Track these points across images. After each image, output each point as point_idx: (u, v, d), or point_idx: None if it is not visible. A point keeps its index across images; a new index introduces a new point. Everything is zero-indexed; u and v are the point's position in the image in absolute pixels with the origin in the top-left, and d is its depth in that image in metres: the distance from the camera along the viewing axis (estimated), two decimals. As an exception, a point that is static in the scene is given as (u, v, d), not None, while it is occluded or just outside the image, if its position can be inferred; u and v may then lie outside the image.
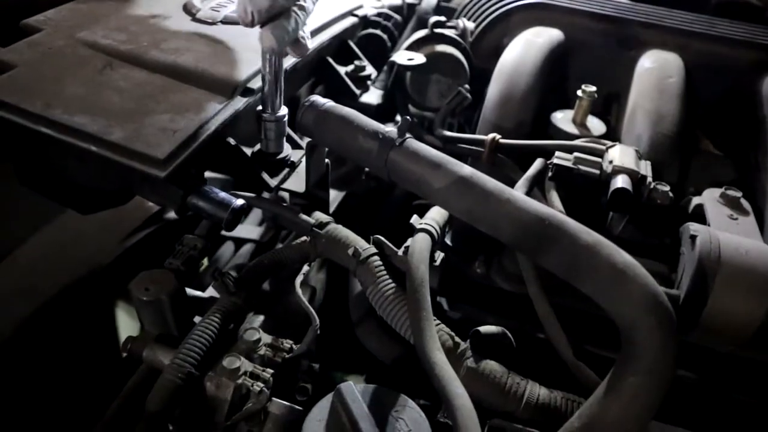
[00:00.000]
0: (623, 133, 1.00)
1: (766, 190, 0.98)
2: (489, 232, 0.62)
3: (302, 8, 0.71)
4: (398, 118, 1.17)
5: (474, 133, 1.06)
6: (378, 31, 1.32)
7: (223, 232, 1.21)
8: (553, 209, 0.60)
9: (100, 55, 0.80)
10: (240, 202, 0.70)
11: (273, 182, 0.80)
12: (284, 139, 0.82)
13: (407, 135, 0.66)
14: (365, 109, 1.05)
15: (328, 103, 0.71)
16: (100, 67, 0.79)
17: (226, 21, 0.90)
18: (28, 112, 0.70)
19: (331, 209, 0.97)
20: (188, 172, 0.69)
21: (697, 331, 0.77)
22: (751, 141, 1.05)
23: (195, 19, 0.90)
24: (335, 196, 1.00)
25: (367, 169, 0.96)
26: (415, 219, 0.79)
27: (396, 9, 1.37)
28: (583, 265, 0.57)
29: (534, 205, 0.60)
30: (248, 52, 0.83)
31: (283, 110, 0.79)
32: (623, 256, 0.57)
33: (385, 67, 1.23)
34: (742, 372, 0.87)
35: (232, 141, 0.76)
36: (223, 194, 0.70)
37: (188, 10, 0.93)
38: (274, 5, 0.66)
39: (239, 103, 0.77)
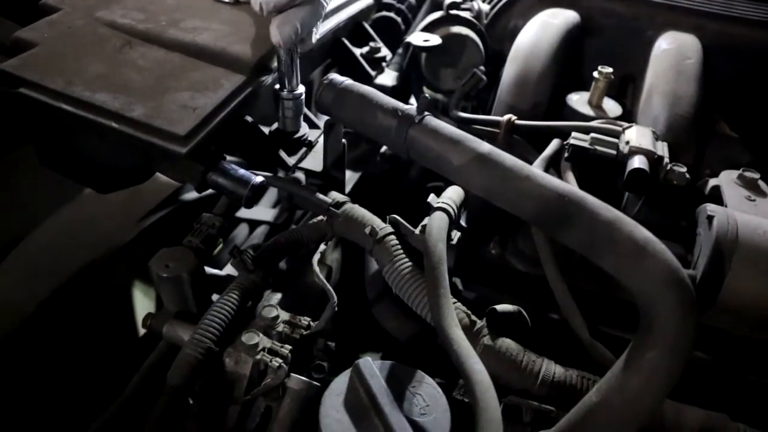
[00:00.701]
0: (640, 113, 1.00)
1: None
2: (508, 209, 0.62)
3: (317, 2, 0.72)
4: (412, 100, 1.17)
5: (489, 115, 1.06)
6: (392, 14, 1.32)
7: (238, 214, 1.22)
8: (573, 186, 0.60)
9: (119, 34, 0.81)
10: (259, 179, 0.71)
11: (291, 161, 0.80)
12: (301, 118, 0.82)
13: (426, 113, 0.66)
14: (380, 90, 1.05)
15: (346, 81, 0.71)
16: (120, 46, 0.79)
17: (242, 1, 0.90)
18: (49, 90, 0.70)
19: (347, 189, 0.97)
20: (208, 149, 0.70)
21: (713, 311, 0.77)
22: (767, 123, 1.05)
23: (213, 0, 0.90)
24: (351, 176, 1.00)
25: (384, 147, 0.97)
26: (432, 198, 0.79)
27: (410, -9, 1.36)
28: (602, 241, 0.58)
29: (553, 181, 0.60)
30: (266, 30, 0.83)
31: (301, 89, 0.80)
32: (643, 232, 0.57)
33: (400, 49, 1.22)
34: (755, 353, 0.87)
35: (249, 119, 0.77)
36: (242, 171, 0.71)
37: (206, -10, 0.93)
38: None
39: (257, 81, 0.77)
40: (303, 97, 0.81)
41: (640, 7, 1.11)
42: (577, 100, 1.02)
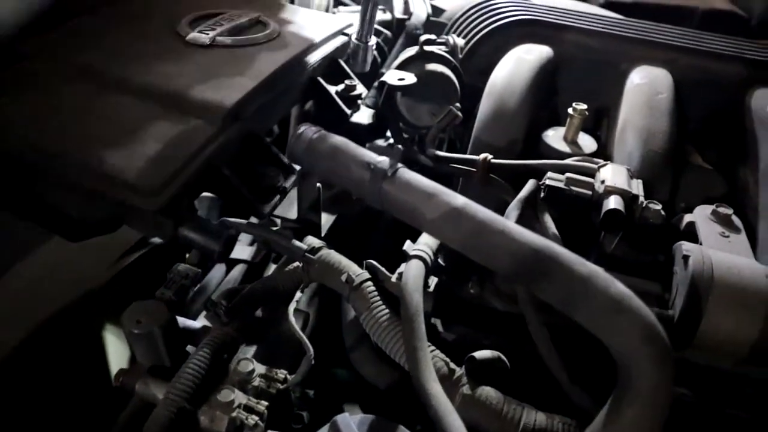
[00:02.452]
0: (614, 149, 1.00)
1: (756, 205, 0.98)
2: (483, 263, 0.62)
3: None
4: (389, 134, 1.16)
5: (465, 150, 1.06)
6: (367, 47, 1.31)
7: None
8: (548, 239, 0.60)
9: (90, 82, 0.79)
10: (231, 233, 0.70)
11: (265, 209, 0.79)
12: (369, 63, 1.06)
13: (399, 165, 0.66)
14: (356, 129, 1.05)
15: (319, 132, 0.70)
16: (90, 94, 0.78)
17: (215, 44, 0.90)
18: (14, 140, 0.69)
19: (323, 233, 0.97)
20: (179, 202, 0.69)
21: (692, 349, 0.77)
22: (740, 155, 1.06)
23: (185, 43, 0.89)
24: (327, 218, 0.99)
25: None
26: (408, 245, 0.79)
27: (385, 24, 1.37)
28: (578, 297, 0.57)
29: (528, 235, 0.60)
30: (238, 76, 0.83)
31: (373, 39, 1.03)
32: (618, 287, 0.57)
33: (376, 85, 1.22)
34: (737, 388, 0.87)
35: (226, 171, 0.75)
36: (214, 225, 0.70)
37: (178, 33, 0.92)
38: None
39: (231, 129, 0.76)
40: (374, 47, 1.03)
41: (613, 41, 1.12)
42: (553, 136, 1.02)
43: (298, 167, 0.82)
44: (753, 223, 0.99)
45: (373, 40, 1.01)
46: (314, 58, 0.98)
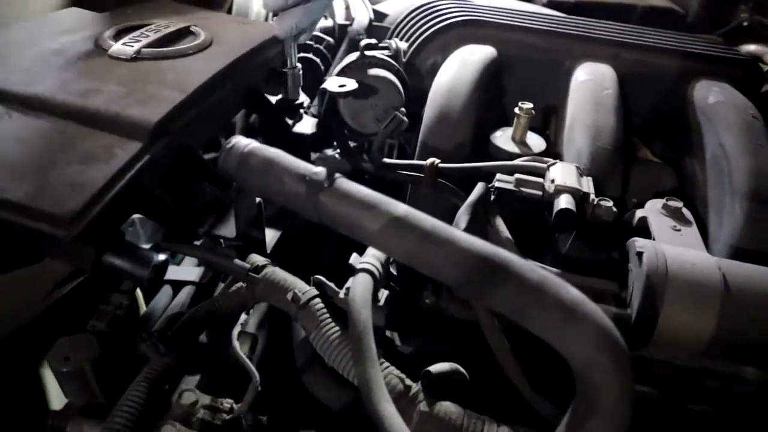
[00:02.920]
0: (564, 148, 0.99)
1: (705, 196, 0.98)
2: (430, 275, 0.59)
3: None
4: (335, 144, 1.13)
5: (414, 155, 1.03)
6: (310, 55, 1.28)
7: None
8: (496, 246, 0.57)
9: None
10: (161, 257, 0.65)
11: (201, 230, 0.74)
12: (300, 88, 1.02)
13: (337, 174, 0.62)
14: (300, 139, 1.01)
15: (250, 144, 0.66)
16: (-1, 116, 0.71)
17: (139, 56, 0.84)
18: None
19: (269, 249, 0.92)
20: (102, 228, 0.63)
21: (651, 346, 0.76)
22: (686, 147, 1.06)
23: (107, 57, 0.84)
24: (273, 234, 0.95)
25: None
26: (354, 258, 0.75)
27: (327, 31, 1.33)
28: (530, 306, 0.55)
29: (475, 243, 0.57)
30: (164, 88, 0.78)
31: (298, 65, 0.99)
32: (571, 293, 0.54)
33: (318, 94, 1.19)
34: (697, 382, 0.87)
35: (156, 190, 0.70)
36: (142, 250, 0.65)
37: (99, 45, 0.87)
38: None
39: (157, 146, 0.71)
40: (300, 71, 1.00)
41: (556, 39, 1.12)
42: (501, 137, 1.00)
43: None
44: (702, 214, 0.99)
45: (298, 65, 0.99)
46: (249, 66, 0.93)
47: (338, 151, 1.13)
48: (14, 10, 1.08)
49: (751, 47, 1.50)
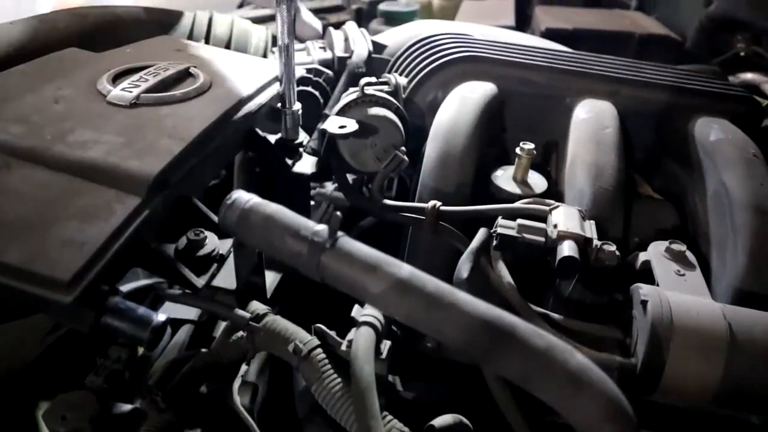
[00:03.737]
0: (565, 187, 0.98)
1: (707, 233, 0.98)
2: (435, 338, 0.58)
3: None
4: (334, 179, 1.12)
5: (413, 191, 1.02)
6: (309, 88, 1.28)
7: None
8: (502, 311, 0.56)
9: (-5, 155, 0.72)
10: (162, 317, 0.64)
11: (200, 282, 0.73)
12: (299, 128, 1.00)
13: (339, 233, 0.61)
14: (299, 179, 1.00)
15: (251, 200, 0.65)
16: (-6, 170, 0.71)
17: (138, 102, 0.84)
18: None
19: (269, 293, 0.91)
20: (100, 289, 0.62)
21: (658, 394, 0.75)
22: (688, 184, 1.05)
23: (106, 103, 0.83)
24: (273, 277, 0.94)
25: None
26: (356, 310, 0.74)
27: (326, 63, 1.33)
28: (536, 373, 0.54)
29: (480, 308, 0.56)
30: (163, 138, 0.77)
31: (297, 105, 0.97)
32: (578, 361, 0.53)
33: (317, 131, 1.19)
34: (704, 427, 0.86)
35: (154, 244, 0.69)
36: (142, 310, 0.64)
37: (98, 91, 0.86)
38: None
39: (156, 200, 0.70)
40: (300, 111, 0.99)
41: (556, 75, 1.11)
42: (502, 177, 1.00)
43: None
44: (705, 251, 0.98)
45: (297, 105, 0.97)
46: (249, 109, 0.92)
47: (336, 186, 1.13)
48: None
49: (748, 75, 1.50)
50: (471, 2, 2.18)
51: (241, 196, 0.66)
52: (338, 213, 0.62)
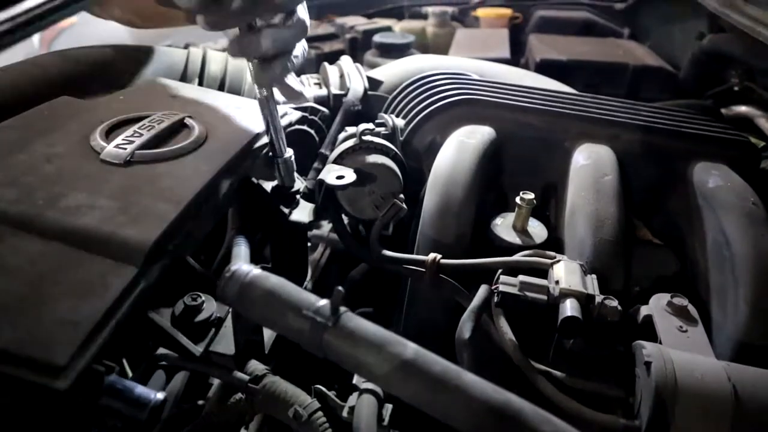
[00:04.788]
0: (565, 235, 0.97)
1: (707, 281, 0.97)
2: (439, 419, 0.57)
3: (291, 57, 0.84)
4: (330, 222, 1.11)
5: (413, 241, 1.01)
6: (305, 126, 1.26)
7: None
8: (509, 395, 0.55)
9: (-17, 223, 0.70)
10: (160, 396, 0.62)
11: (198, 349, 0.72)
12: (294, 174, 0.98)
13: (342, 309, 0.60)
14: (296, 228, 0.99)
15: (251, 273, 0.64)
16: (-18, 240, 0.69)
17: (135, 160, 0.82)
18: None
19: (267, 348, 0.90)
20: (96, 370, 0.61)
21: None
22: (687, 230, 1.05)
23: (99, 161, 0.81)
24: (271, 332, 0.92)
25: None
26: (357, 378, 0.73)
27: (321, 101, 1.32)
28: (545, 459, 0.53)
29: (487, 390, 0.55)
30: (160, 201, 0.75)
31: (289, 152, 0.95)
32: (586, 448, 0.53)
33: (316, 163, 1.18)
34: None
35: (150, 314, 0.68)
36: (140, 389, 0.62)
37: (91, 147, 0.84)
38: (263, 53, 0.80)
39: (153, 271, 0.68)
40: (293, 158, 0.96)
41: (555, 119, 1.11)
42: (502, 225, 0.99)
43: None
44: (704, 297, 0.98)
45: (289, 152, 0.94)
46: (246, 160, 0.91)
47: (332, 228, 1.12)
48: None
49: (742, 108, 1.51)
50: (465, 30, 2.18)
51: (240, 268, 0.65)
52: (340, 288, 0.60)
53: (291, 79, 0.87)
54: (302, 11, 0.83)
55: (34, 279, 0.65)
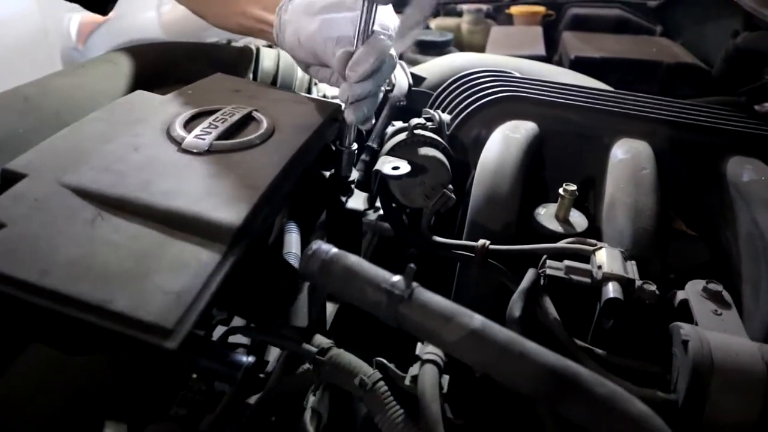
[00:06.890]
0: (604, 226, 1.03)
1: (740, 272, 1.03)
2: (504, 384, 0.64)
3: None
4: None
5: (461, 228, 1.08)
6: (353, 120, 1.33)
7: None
8: (567, 360, 0.62)
9: (89, 204, 0.78)
10: (251, 359, 0.70)
11: (276, 321, 0.79)
12: (353, 167, 1.07)
13: (414, 284, 0.67)
14: (353, 215, 1.06)
15: (330, 251, 0.71)
16: (91, 219, 0.77)
17: (213, 149, 0.90)
18: (24, 283, 0.67)
19: (328, 325, 0.97)
20: (197, 335, 0.68)
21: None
22: (720, 222, 1.10)
23: (181, 150, 0.89)
24: (331, 309, 1.00)
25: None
26: (419, 348, 0.80)
27: (368, 96, 1.38)
28: (600, 417, 0.59)
29: (548, 357, 0.62)
30: (242, 187, 0.83)
31: (354, 146, 1.04)
32: (638, 407, 0.59)
33: (363, 155, 1.25)
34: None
35: (236, 287, 0.75)
36: (232, 355, 0.70)
37: (172, 137, 0.92)
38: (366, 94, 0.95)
39: (240, 247, 0.76)
40: (356, 150, 1.05)
41: (594, 115, 1.17)
42: (544, 215, 1.05)
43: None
44: (737, 287, 1.03)
45: (354, 144, 1.04)
46: (310, 151, 0.99)
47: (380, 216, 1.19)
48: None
49: (774, 105, 1.55)
50: (500, 28, 2.24)
51: (321, 246, 0.72)
52: (412, 265, 0.67)
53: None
54: None
55: (137, 254, 0.73)
